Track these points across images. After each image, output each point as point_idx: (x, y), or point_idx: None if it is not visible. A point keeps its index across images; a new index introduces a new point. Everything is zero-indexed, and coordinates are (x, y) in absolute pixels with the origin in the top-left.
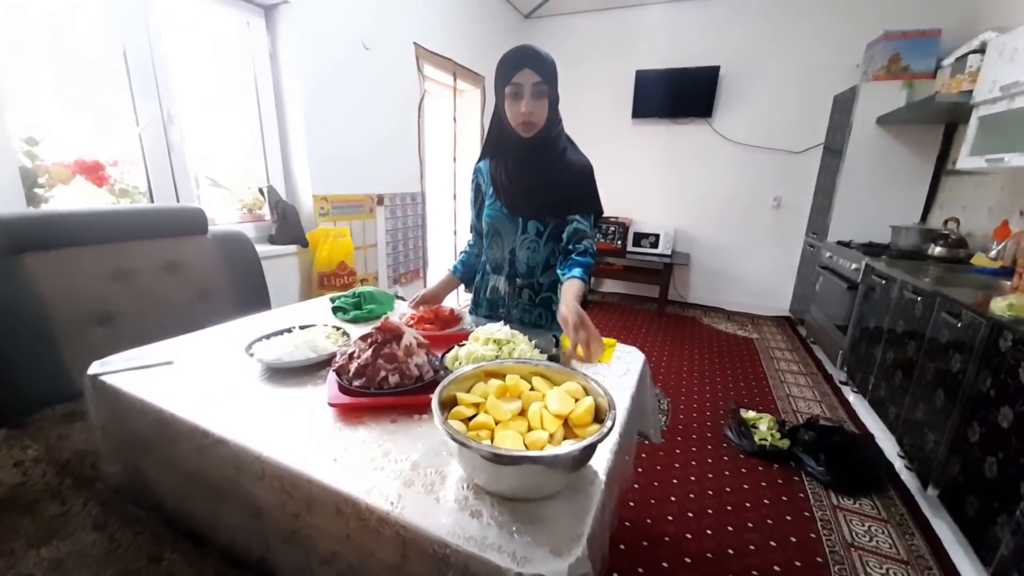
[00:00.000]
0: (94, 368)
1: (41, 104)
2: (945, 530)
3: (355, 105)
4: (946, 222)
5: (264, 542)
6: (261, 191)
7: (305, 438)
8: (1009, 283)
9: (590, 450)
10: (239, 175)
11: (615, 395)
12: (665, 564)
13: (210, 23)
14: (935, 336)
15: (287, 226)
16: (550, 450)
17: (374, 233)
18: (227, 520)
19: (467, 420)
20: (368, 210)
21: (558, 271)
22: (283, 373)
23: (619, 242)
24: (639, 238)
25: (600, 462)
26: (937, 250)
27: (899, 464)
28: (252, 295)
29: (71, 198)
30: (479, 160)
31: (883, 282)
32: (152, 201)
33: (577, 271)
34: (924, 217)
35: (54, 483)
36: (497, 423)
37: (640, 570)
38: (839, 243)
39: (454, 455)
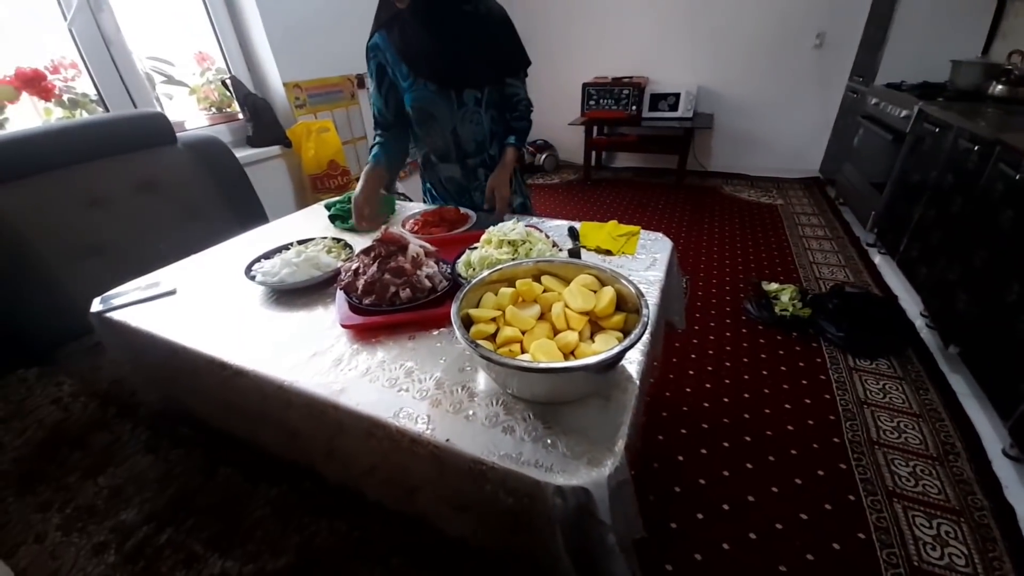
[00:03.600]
0: (96, 306)
1: None
2: (961, 384)
3: None
4: (1010, 55)
5: (307, 457)
6: (225, 84)
7: (323, 363)
8: None
9: (626, 349)
10: (196, 67)
11: (643, 290)
12: (683, 431)
13: None
14: (988, 189)
15: (262, 124)
16: (593, 357)
17: (360, 123)
18: (268, 439)
19: (491, 336)
20: (349, 95)
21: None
22: (290, 295)
23: (633, 107)
24: (656, 100)
25: (632, 364)
26: (998, 89)
27: (920, 323)
28: (244, 208)
29: (27, 117)
30: (371, 37)
31: (936, 130)
32: (107, 110)
33: (511, 139)
34: (986, 50)
35: (97, 414)
36: (523, 332)
37: (660, 438)
38: (888, 86)
39: (483, 369)
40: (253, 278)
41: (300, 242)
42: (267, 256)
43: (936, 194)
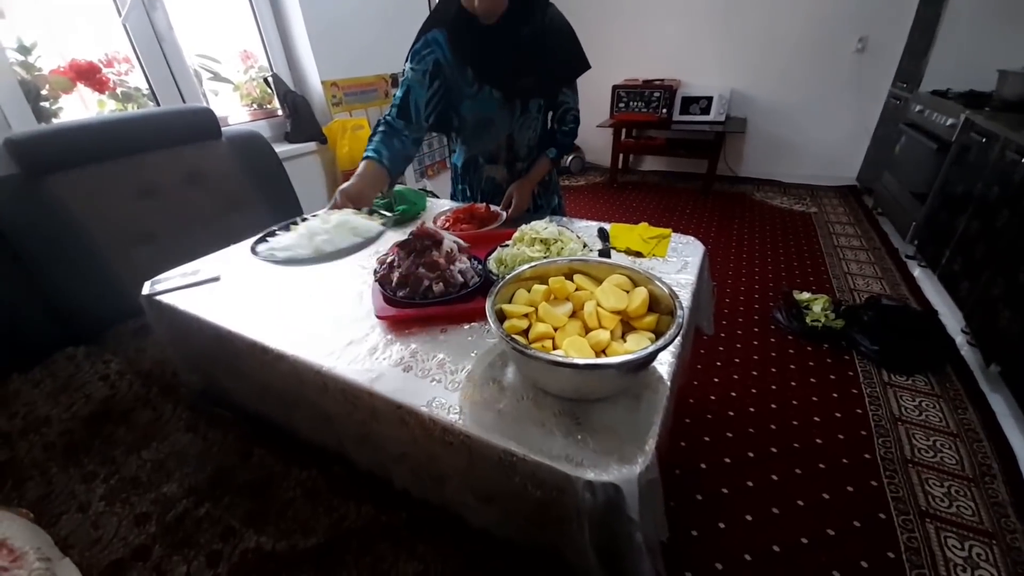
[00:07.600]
0: (146, 288)
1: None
2: (1001, 405)
3: None
4: None
5: (339, 441)
6: (266, 81)
7: (359, 351)
8: None
9: (659, 350)
10: (240, 65)
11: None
12: (707, 439)
13: None
14: None
15: (301, 120)
16: (626, 356)
17: None
18: (302, 423)
19: (523, 332)
20: (383, 94)
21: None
22: (330, 285)
23: (664, 110)
24: (688, 103)
25: (663, 366)
26: None
27: (960, 340)
28: (280, 201)
29: (77, 109)
30: (429, 29)
31: (983, 140)
32: (158, 104)
33: (552, 151)
34: None
35: (142, 392)
36: (556, 329)
37: (683, 444)
38: (934, 93)
39: (515, 363)
40: (273, 259)
41: (303, 218)
42: (268, 236)
43: (981, 206)
